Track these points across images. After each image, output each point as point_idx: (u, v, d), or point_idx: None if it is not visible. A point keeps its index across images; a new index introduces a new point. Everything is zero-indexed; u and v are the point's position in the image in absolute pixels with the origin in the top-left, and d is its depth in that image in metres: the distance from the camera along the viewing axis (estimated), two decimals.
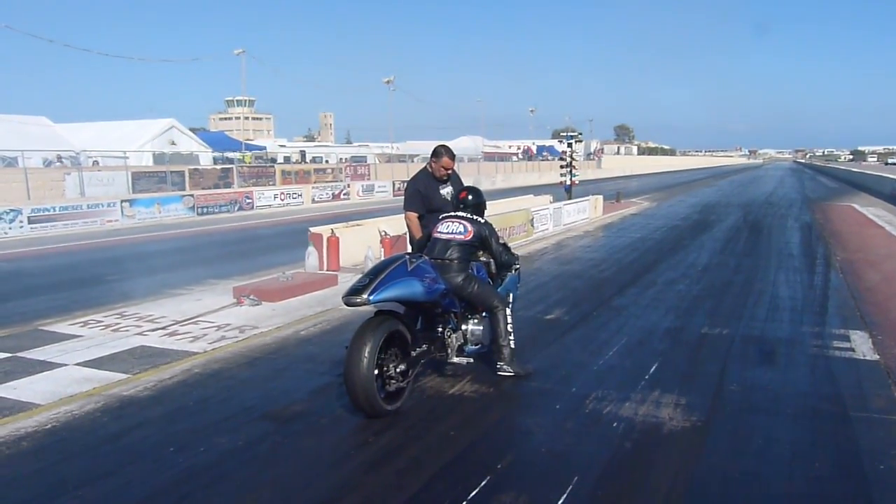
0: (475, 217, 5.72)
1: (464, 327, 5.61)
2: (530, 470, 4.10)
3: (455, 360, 5.49)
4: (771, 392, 5.42)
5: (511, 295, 6.14)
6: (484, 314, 5.69)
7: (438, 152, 6.43)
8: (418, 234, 6.23)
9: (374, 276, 4.76)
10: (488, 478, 3.94)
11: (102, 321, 7.83)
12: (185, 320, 7.79)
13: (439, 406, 5.11)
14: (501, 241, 5.95)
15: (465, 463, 4.18)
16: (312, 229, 11.56)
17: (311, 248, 10.99)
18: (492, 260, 5.92)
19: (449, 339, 5.45)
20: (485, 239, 5.64)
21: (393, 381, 4.86)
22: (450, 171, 6.47)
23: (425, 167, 6.56)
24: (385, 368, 4.82)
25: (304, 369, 6.07)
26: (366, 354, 4.57)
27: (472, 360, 5.64)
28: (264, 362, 6.29)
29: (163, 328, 7.47)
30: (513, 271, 6.15)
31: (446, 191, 6.39)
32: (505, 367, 5.60)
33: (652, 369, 5.96)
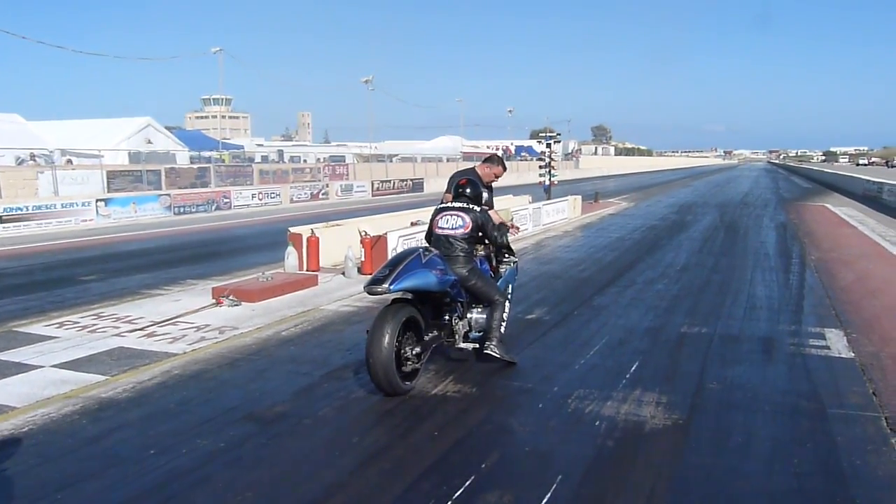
0: (471, 206, 6.03)
1: (469, 315, 6.00)
2: (514, 469, 4.11)
3: (462, 345, 5.90)
4: (750, 390, 5.49)
5: (510, 286, 6.76)
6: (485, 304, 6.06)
7: (495, 160, 6.94)
8: None
9: (393, 268, 5.18)
10: (473, 477, 3.95)
11: (79, 322, 7.72)
12: (163, 321, 7.71)
13: (423, 406, 5.11)
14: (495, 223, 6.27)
15: (450, 463, 4.18)
16: (292, 229, 11.50)
17: (290, 248, 10.92)
18: (492, 254, 6.45)
19: (456, 327, 5.82)
20: (482, 225, 5.98)
21: (409, 363, 5.28)
22: (497, 179, 6.90)
23: (474, 167, 6.94)
24: (402, 351, 5.21)
25: (286, 370, 6.04)
26: (386, 337, 5.00)
27: (477, 345, 5.97)
28: (245, 363, 6.24)
29: (141, 329, 7.38)
30: (511, 264, 6.75)
31: (485, 195, 6.61)
32: (493, 346, 5.85)
33: (633, 368, 6.01)
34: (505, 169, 7.05)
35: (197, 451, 4.34)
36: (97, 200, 21.61)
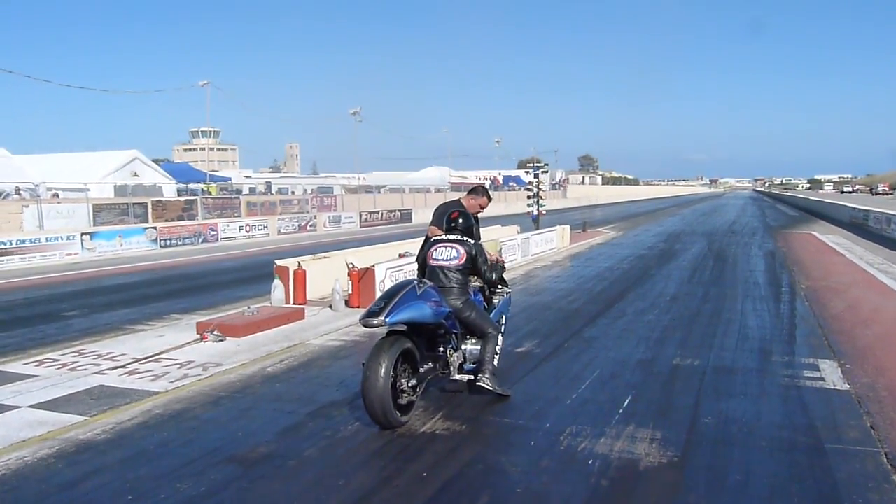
0: (465, 238, 6.08)
1: (463, 347, 5.95)
2: None
3: (456, 377, 5.87)
4: (745, 424, 5.37)
5: (503, 317, 6.73)
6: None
7: (480, 191, 7.03)
8: None
9: (389, 300, 5.18)
10: None
11: (59, 360, 7.53)
12: (146, 358, 7.54)
13: (411, 445, 4.97)
14: (490, 262, 6.29)
15: None
16: (278, 262, 11.37)
17: (277, 282, 10.79)
18: (485, 285, 6.43)
19: (451, 358, 5.78)
20: (474, 258, 6.00)
21: (405, 395, 5.25)
22: (482, 210, 6.96)
23: (459, 199, 7.01)
24: (398, 383, 5.17)
25: (271, 408, 5.87)
26: (382, 370, 4.97)
27: (471, 377, 5.92)
28: (229, 401, 6.07)
29: (123, 366, 7.20)
30: (504, 295, 6.72)
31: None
32: (485, 379, 5.80)
33: (626, 403, 5.89)
34: (490, 200, 7.11)
35: (177, 495, 4.18)
36: (82, 234, 21.41)
